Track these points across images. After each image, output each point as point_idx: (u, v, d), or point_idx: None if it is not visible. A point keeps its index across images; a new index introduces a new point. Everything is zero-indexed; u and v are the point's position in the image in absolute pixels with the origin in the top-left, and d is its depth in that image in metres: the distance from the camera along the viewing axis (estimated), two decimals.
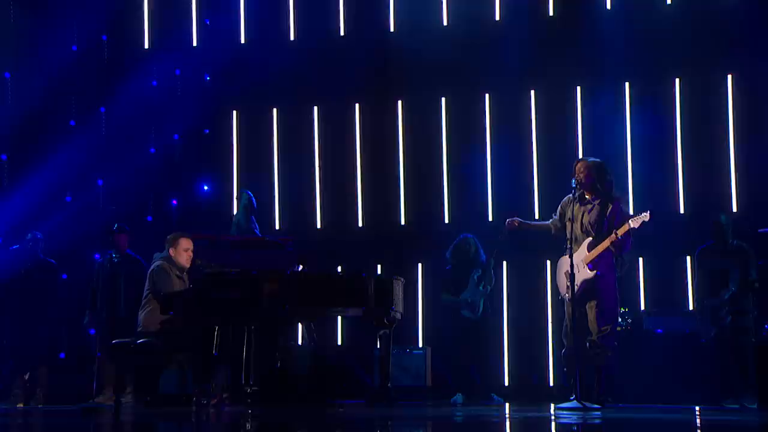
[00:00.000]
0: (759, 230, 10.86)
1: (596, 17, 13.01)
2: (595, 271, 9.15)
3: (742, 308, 10.57)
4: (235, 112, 14.42)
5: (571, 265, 9.03)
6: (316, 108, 14.15)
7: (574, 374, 9.23)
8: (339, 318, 13.38)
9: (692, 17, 12.75)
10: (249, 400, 9.48)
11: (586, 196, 9.39)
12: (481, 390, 11.69)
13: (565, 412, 8.87)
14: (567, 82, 13.35)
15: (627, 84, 13.16)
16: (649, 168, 12.84)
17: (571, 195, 9.47)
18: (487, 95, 13.60)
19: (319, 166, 14.06)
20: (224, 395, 10.30)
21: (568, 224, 9.37)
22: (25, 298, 11.88)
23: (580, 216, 9.29)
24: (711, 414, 9.29)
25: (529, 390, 12.80)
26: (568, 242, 9.30)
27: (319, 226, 14.07)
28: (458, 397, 11.50)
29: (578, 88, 13.31)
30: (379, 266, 13.60)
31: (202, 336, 9.77)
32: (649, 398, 10.70)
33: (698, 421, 8.32)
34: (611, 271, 9.27)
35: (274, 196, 14.18)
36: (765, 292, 10.81)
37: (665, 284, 12.71)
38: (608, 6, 13.07)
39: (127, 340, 10.21)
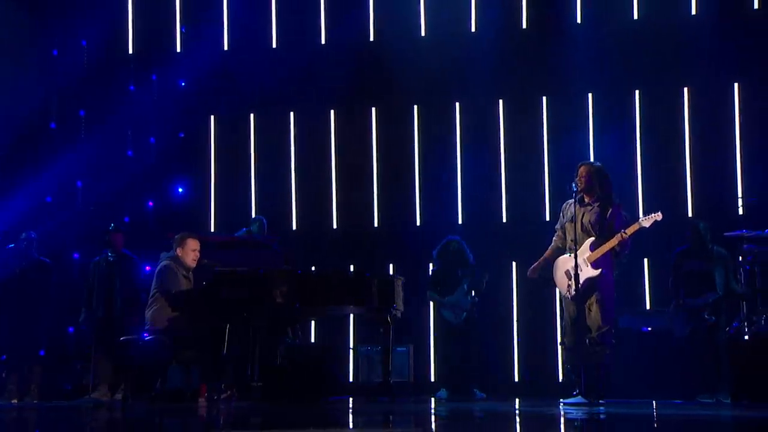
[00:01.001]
0: (725, 233, 11.05)
1: (566, 30, 13.20)
2: (600, 270, 9.22)
3: (718, 308, 10.79)
4: (213, 117, 14.33)
5: (576, 265, 9.09)
6: (292, 114, 14.13)
7: (578, 371, 9.30)
8: None
9: (656, 32, 13.01)
10: (254, 396, 9.49)
11: (585, 199, 9.45)
12: (463, 386, 11.74)
13: (571, 408, 8.94)
14: (534, 92, 13.51)
15: (590, 95, 13.35)
16: (609, 175, 13.00)
17: (571, 200, 9.54)
18: (457, 103, 13.71)
19: (295, 170, 14.03)
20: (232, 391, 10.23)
21: (569, 225, 9.44)
22: (20, 296, 11.72)
23: (580, 216, 9.34)
24: (697, 409, 9.48)
25: (498, 386, 12.89)
26: (571, 243, 9.35)
27: (294, 227, 14.04)
28: (442, 393, 11.57)
29: (544, 98, 13.48)
30: (351, 266, 13.59)
31: (213, 333, 9.72)
32: (626, 394, 10.83)
33: (698, 415, 8.53)
34: (610, 270, 9.36)
35: (250, 199, 14.14)
36: None
37: (624, 285, 12.88)
38: (578, 20, 13.26)
39: (134, 337, 10.13)
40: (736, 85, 12.99)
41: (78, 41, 14.16)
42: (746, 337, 10.69)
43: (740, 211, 12.63)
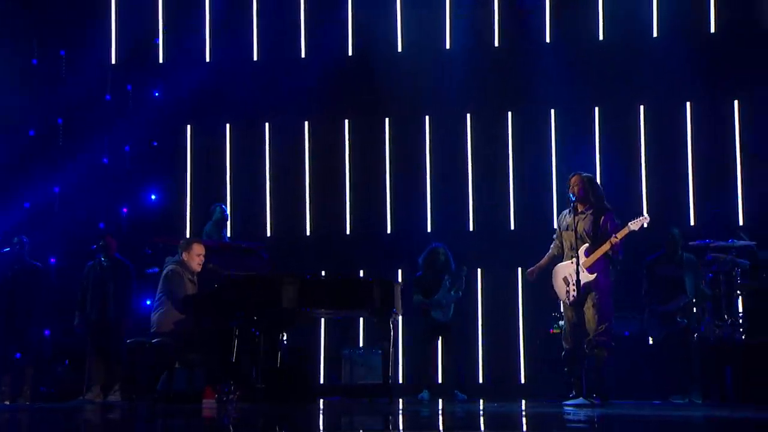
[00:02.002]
0: (689, 243, 11.29)
1: (536, 49, 13.42)
2: (595, 274, 9.36)
3: (689, 311, 11.02)
4: (189, 126, 14.24)
5: (577, 271, 9.24)
6: (267, 125, 14.13)
7: (577, 373, 9.46)
8: None
9: (618, 52, 13.29)
10: (258, 398, 9.50)
11: (579, 208, 9.58)
12: (443, 387, 11.83)
13: (572, 408, 9.09)
14: (501, 107, 13.69)
15: (553, 111, 13.57)
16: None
17: (566, 210, 9.70)
18: (427, 116, 13.83)
19: (270, 179, 14.03)
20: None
21: (566, 234, 9.60)
22: (13, 299, 11.59)
23: (575, 225, 9.48)
24: (682, 410, 9.67)
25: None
26: (569, 250, 9.51)
27: (268, 234, 14.01)
28: (425, 394, 11.61)
29: (510, 113, 13.65)
30: (323, 272, 13.57)
31: (220, 336, 9.70)
32: None
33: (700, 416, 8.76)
34: (606, 274, 9.49)
35: (226, 206, 14.03)
36: None
37: None
38: (547, 39, 13.51)
39: (142, 339, 10.05)
40: (688, 104, 13.32)
41: (57, 51, 14.02)
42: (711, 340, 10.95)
43: (692, 222, 12.98)
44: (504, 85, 13.58)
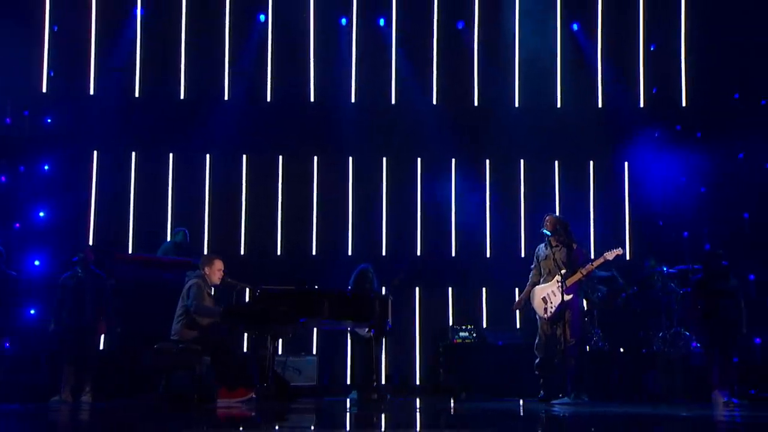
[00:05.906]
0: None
1: (423, 108, 14.39)
2: (571, 295, 10.38)
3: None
4: (95, 152, 13.92)
5: (562, 293, 10.25)
6: (171, 155, 14.12)
7: (548, 377, 10.45)
8: None
9: (486, 117, 14.47)
10: (271, 396, 9.73)
11: (552, 242, 10.62)
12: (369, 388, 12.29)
13: (558, 407, 9.92)
14: (378, 154, 14.52)
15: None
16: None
17: (542, 245, 10.74)
18: (315, 158, 14.41)
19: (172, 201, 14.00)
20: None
21: (544, 262, 10.61)
22: None
23: (551, 255, 10.53)
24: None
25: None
26: (549, 276, 10.53)
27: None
28: (354, 394, 12.08)
29: (384, 158, 14.52)
30: None
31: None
32: (496, 393, 11.96)
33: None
34: (577, 296, 10.57)
35: (128, 228, 13.84)
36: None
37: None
38: (434, 101, 14.54)
39: (168, 344, 9.93)
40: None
41: None
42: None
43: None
44: (386, 136, 14.41)
